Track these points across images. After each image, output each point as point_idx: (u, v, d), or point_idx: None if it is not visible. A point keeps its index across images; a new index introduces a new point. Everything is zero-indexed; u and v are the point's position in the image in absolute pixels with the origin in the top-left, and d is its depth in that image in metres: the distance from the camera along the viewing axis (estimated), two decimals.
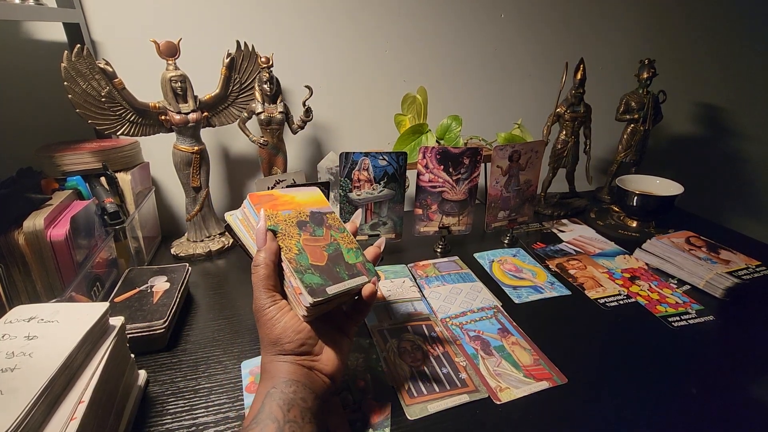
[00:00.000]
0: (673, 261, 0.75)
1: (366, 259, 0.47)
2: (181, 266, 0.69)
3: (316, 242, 0.45)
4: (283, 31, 0.88)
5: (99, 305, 0.44)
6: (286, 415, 0.34)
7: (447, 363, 0.54)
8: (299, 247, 0.43)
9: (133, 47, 0.79)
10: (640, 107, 1.01)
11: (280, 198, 0.47)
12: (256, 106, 0.79)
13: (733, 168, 1.47)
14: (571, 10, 1.08)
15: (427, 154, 0.74)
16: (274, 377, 0.37)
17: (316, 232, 0.46)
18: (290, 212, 0.46)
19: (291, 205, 0.47)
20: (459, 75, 1.05)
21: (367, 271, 0.45)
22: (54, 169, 0.69)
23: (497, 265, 0.78)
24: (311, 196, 0.50)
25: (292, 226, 0.45)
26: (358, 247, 0.47)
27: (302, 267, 0.41)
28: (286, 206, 0.46)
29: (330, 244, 0.46)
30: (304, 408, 0.36)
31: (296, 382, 0.37)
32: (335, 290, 0.41)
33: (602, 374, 0.54)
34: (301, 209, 0.47)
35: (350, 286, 0.42)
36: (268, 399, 0.35)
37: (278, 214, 0.45)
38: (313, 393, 0.37)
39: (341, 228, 0.49)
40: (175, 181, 0.81)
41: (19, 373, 0.35)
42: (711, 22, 1.24)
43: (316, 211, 0.48)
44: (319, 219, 0.48)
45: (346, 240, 0.47)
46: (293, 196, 0.48)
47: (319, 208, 0.49)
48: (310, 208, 0.48)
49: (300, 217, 0.46)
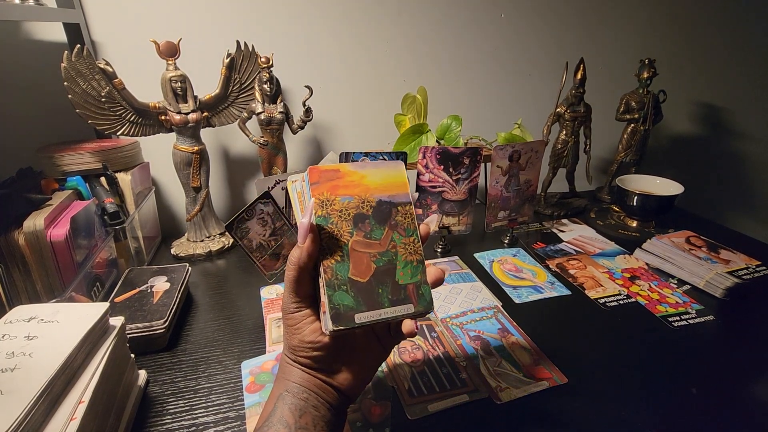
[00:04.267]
0: (673, 261, 0.75)
1: (425, 280, 0.37)
2: (181, 266, 0.69)
3: (368, 248, 0.36)
4: (283, 31, 0.88)
5: (99, 305, 0.44)
6: (298, 421, 0.33)
7: (447, 363, 0.54)
8: (344, 252, 0.35)
9: (133, 47, 0.79)
10: (640, 107, 1.01)
11: (346, 176, 0.37)
12: (256, 106, 0.79)
13: (733, 168, 1.47)
14: (571, 10, 1.08)
15: (427, 154, 0.74)
16: (287, 380, 0.36)
17: (374, 234, 0.37)
18: (351, 199, 0.37)
19: (356, 189, 0.37)
20: (459, 75, 1.05)
21: (417, 298, 0.36)
22: (54, 169, 0.69)
23: (497, 265, 0.78)
24: (386, 176, 0.39)
25: (347, 219, 0.36)
26: (421, 261, 0.37)
27: (338, 281, 0.34)
28: (350, 189, 0.37)
29: (384, 254, 0.36)
30: (317, 416, 0.35)
31: (308, 391, 0.35)
32: (365, 320, 0.34)
33: (602, 374, 0.54)
34: (367, 196, 0.37)
35: (387, 317, 0.34)
36: (281, 402, 0.35)
37: (335, 201, 0.36)
38: (327, 403, 0.36)
39: (409, 230, 0.38)
40: (175, 181, 0.81)
41: (19, 373, 0.35)
42: (711, 22, 1.24)
43: (386, 200, 0.38)
44: (386, 213, 0.38)
45: (410, 248, 0.37)
46: (364, 175, 0.38)
47: (392, 195, 0.38)
48: (379, 195, 0.38)
49: (361, 208, 0.37)
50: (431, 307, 0.36)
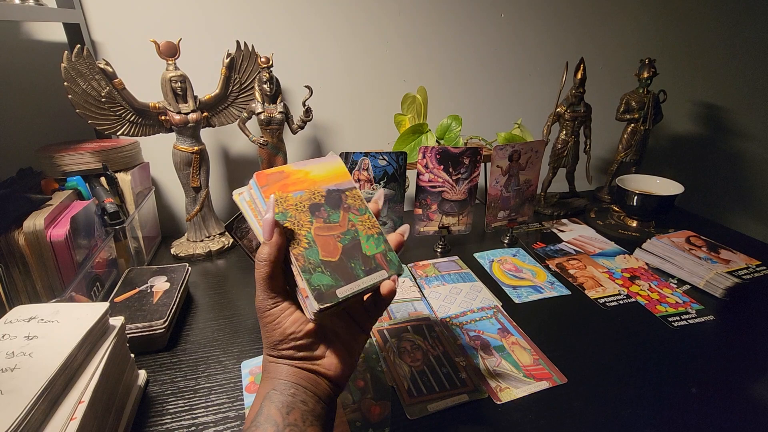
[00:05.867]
0: (673, 261, 0.75)
1: (389, 247, 0.41)
2: (181, 266, 0.69)
3: (329, 231, 0.39)
4: (283, 31, 0.88)
5: (99, 305, 0.44)
6: (286, 418, 0.33)
7: (447, 363, 0.54)
8: (309, 239, 0.37)
9: (133, 47, 0.79)
10: (641, 107, 1.01)
11: (291, 175, 0.40)
12: (256, 106, 0.79)
13: (733, 168, 1.47)
14: (572, 10, 1.08)
15: (427, 154, 0.74)
16: (274, 378, 0.36)
17: (331, 218, 0.40)
18: (302, 193, 0.40)
19: (304, 184, 0.40)
20: (459, 75, 1.05)
21: (387, 264, 0.39)
22: (54, 169, 0.69)
23: (497, 264, 0.78)
24: (329, 168, 0.43)
25: (303, 211, 0.39)
26: (381, 233, 0.41)
27: (311, 265, 0.36)
28: (299, 185, 0.40)
29: (346, 233, 0.40)
30: (305, 411, 0.34)
31: (296, 385, 0.35)
32: (347, 292, 0.36)
33: (602, 374, 0.54)
34: (316, 188, 0.41)
35: (366, 286, 0.37)
36: (267, 401, 0.34)
37: (288, 197, 0.39)
38: (315, 396, 0.36)
39: (362, 209, 0.42)
40: (175, 181, 0.81)
41: (19, 373, 0.35)
42: (711, 22, 1.24)
43: (334, 188, 0.42)
44: (337, 199, 0.41)
45: (367, 224, 0.41)
46: (307, 171, 0.42)
47: (338, 183, 0.42)
48: (327, 185, 0.41)
49: (314, 199, 0.40)
50: (401, 270, 0.40)
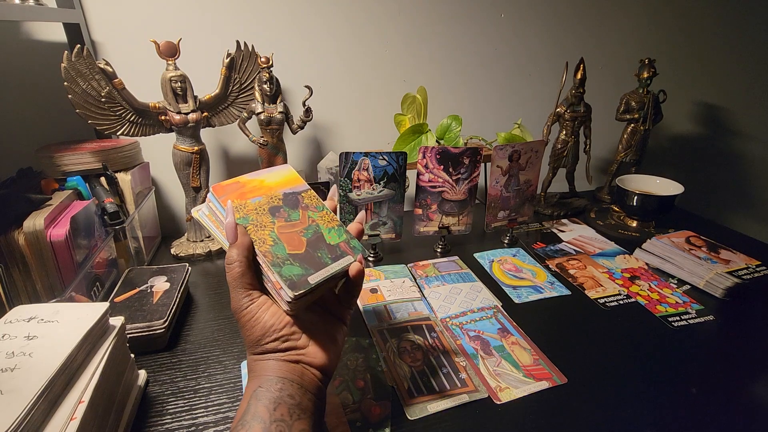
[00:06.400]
0: (673, 261, 0.75)
1: (350, 236, 0.44)
2: (181, 266, 0.69)
3: (292, 228, 0.41)
4: (283, 31, 0.88)
5: (99, 305, 0.44)
6: (272, 414, 0.33)
7: (447, 363, 0.54)
8: (274, 237, 0.40)
9: (133, 47, 0.79)
10: (640, 107, 1.01)
11: (247, 184, 0.43)
12: (256, 106, 0.79)
13: (733, 168, 1.47)
14: (571, 10, 1.08)
15: (427, 154, 0.74)
16: (260, 376, 0.36)
17: (292, 217, 0.42)
18: (260, 199, 0.42)
19: (260, 191, 0.43)
20: (459, 75, 1.05)
21: (351, 250, 0.42)
22: (54, 169, 0.69)
23: (497, 265, 0.78)
24: (282, 175, 0.46)
25: (263, 214, 0.41)
26: (341, 225, 0.44)
27: (279, 259, 0.38)
28: (255, 192, 0.42)
29: (308, 228, 0.42)
30: (292, 405, 0.34)
31: (282, 380, 0.36)
32: (318, 278, 0.38)
33: (602, 374, 0.54)
34: (273, 193, 0.43)
35: (335, 270, 0.39)
36: (254, 399, 0.34)
37: (247, 204, 0.41)
38: (302, 388, 0.36)
39: (319, 206, 0.45)
40: (175, 181, 0.81)
41: (19, 373, 0.35)
42: (711, 22, 1.24)
43: (289, 191, 0.44)
44: (294, 200, 0.44)
45: (326, 219, 0.44)
46: (262, 179, 0.44)
47: (293, 187, 0.45)
48: (282, 189, 0.44)
49: (272, 203, 0.42)
50: (364, 250, 0.43)
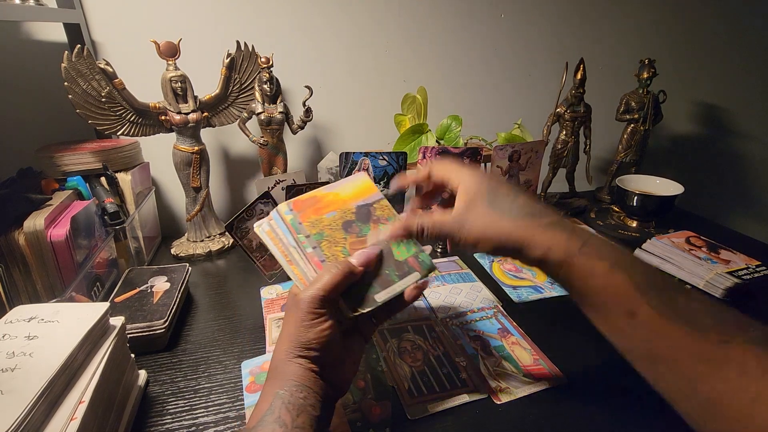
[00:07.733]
0: (673, 261, 0.75)
1: (419, 249, 0.43)
2: (181, 266, 0.69)
3: (363, 244, 0.41)
4: (283, 31, 0.88)
5: (99, 305, 0.44)
6: (295, 420, 0.33)
7: (447, 363, 0.54)
8: (345, 254, 0.40)
9: (133, 47, 0.79)
10: (640, 107, 1.01)
11: (323, 199, 0.43)
12: (256, 106, 0.79)
13: (733, 168, 1.47)
14: (571, 10, 1.08)
15: (427, 154, 0.74)
16: (284, 379, 0.35)
17: (363, 232, 0.42)
18: (335, 213, 0.42)
19: (335, 205, 0.43)
20: (459, 75, 1.05)
21: (420, 265, 0.42)
22: (54, 169, 0.69)
23: (497, 264, 0.78)
24: (356, 186, 0.46)
25: (337, 230, 0.41)
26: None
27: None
28: (330, 207, 0.43)
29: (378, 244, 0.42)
30: (313, 416, 0.34)
31: (307, 388, 0.35)
32: (384, 297, 0.38)
33: (602, 374, 0.54)
34: (346, 206, 0.43)
35: (401, 289, 0.40)
36: (277, 401, 0.34)
37: (323, 219, 0.41)
38: (321, 401, 0.36)
39: (390, 217, 0.44)
40: (175, 181, 0.81)
41: (19, 373, 0.35)
42: (711, 22, 1.24)
43: (362, 203, 0.44)
44: (366, 213, 0.44)
45: None
46: (337, 192, 0.44)
47: (366, 198, 0.45)
48: (356, 201, 0.44)
49: (345, 217, 0.42)
50: (434, 267, 0.43)
